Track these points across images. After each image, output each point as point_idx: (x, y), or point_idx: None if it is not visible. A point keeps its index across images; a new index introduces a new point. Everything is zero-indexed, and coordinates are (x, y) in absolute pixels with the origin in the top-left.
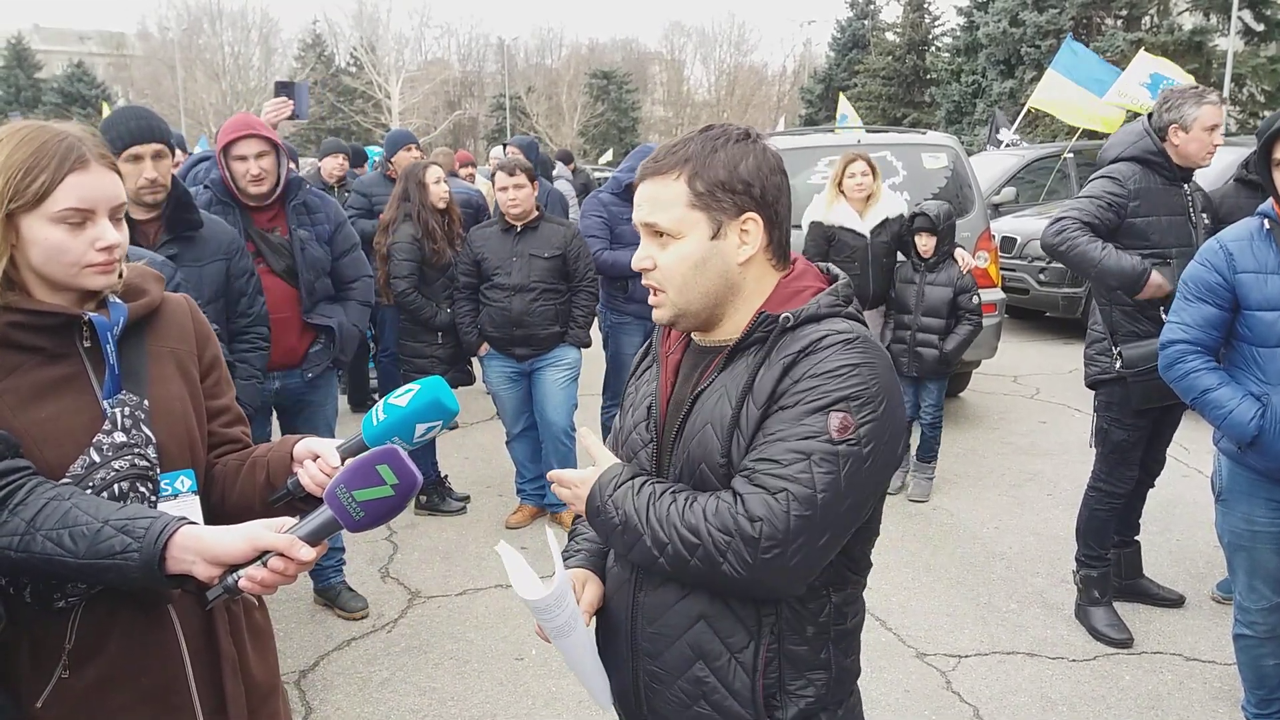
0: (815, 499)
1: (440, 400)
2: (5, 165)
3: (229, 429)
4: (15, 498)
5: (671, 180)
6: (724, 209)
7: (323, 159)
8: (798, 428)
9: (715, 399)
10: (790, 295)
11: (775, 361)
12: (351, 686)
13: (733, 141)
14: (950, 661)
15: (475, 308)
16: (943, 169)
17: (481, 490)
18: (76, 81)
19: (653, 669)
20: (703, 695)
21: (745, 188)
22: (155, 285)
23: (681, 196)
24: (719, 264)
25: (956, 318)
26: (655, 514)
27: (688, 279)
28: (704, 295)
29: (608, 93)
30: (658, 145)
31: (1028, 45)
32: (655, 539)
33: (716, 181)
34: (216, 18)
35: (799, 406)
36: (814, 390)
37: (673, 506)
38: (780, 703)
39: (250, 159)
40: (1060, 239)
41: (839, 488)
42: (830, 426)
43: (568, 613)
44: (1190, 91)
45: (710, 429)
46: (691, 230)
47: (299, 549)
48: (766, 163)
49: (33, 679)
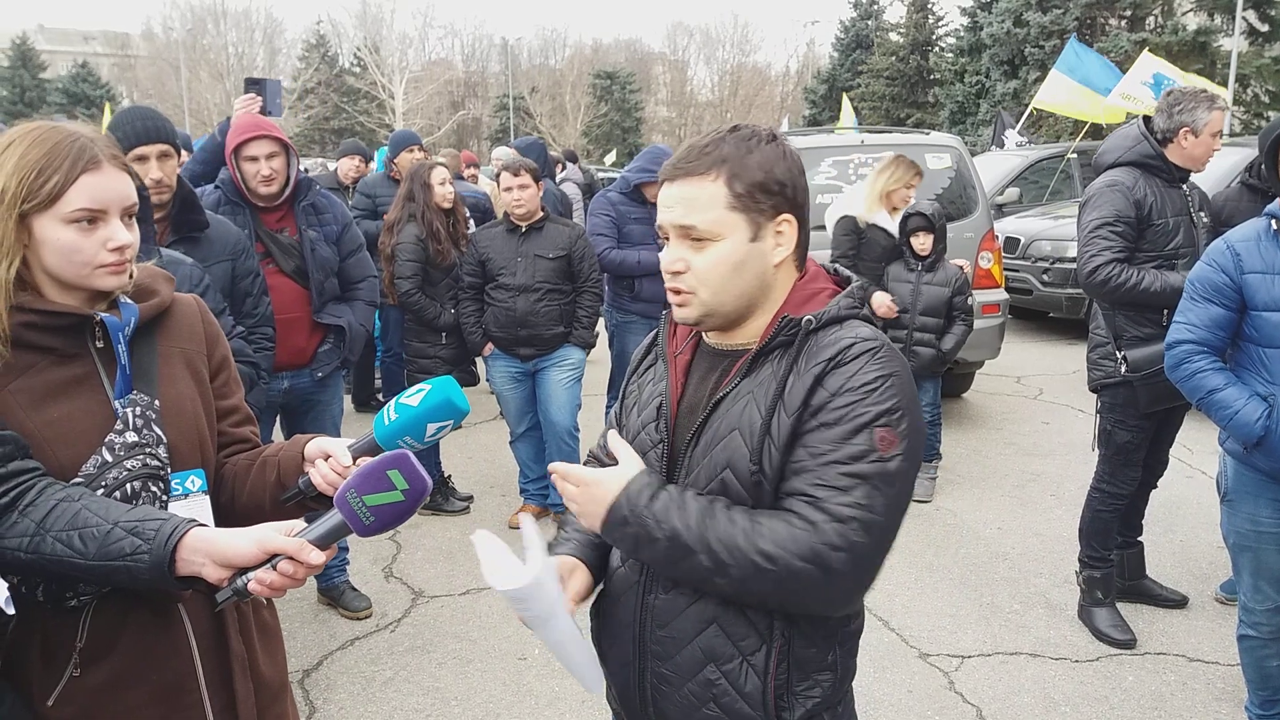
0: (879, 523)
1: (451, 400)
2: (18, 166)
3: (239, 429)
4: (25, 499)
5: (708, 181)
6: (762, 210)
7: (339, 159)
8: (847, 448)
9: (742, 405)
10: (807, 297)
11: (805, 371)
12: (355, 686)
13: (764, 142)
14: (953, 662)
15: (480, 308)
16: (946, 169)
17: (485, 490)
18: (81, 82)
19: (661, 671)
20: (712, 698)
21: (780, 189)
22: (166, 286)
23: (720, 198)
24: (757, 266)
25: (951, 317)
26: (715, 534)
27: (725, 281)
28: (739, 297)
29: (611, 93)
30: (674, 147)
31: (1031, 46)
32: (715, 560)
33: (755, 183)
34: (221, 18)
35: (843, 424)
36: (855, 406)
37: (733, 526)
38: (788, 704)
39: (261, 159)
40: (1108, 288)
41: (898, 506)
42: (877, 443)
43: (546, 601)
44: (1201, 96)
45: (739, 436)
46: (731, 232)
47: (308, 553)
48: (796, 164)
49: (44, 677)
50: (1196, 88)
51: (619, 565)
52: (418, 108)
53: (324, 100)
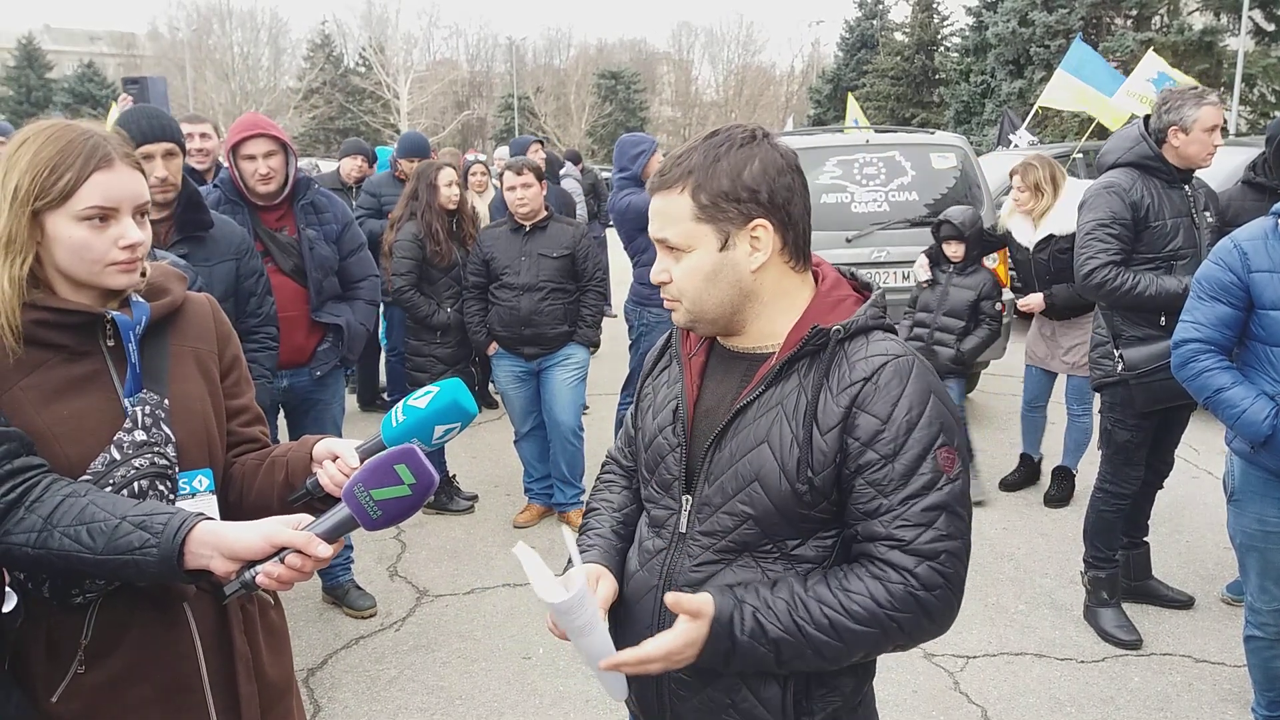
0: (963, 547)
1: (459, 402)
2: (31, 163)
3: (248, 428)
4: (31, 495)
5: (677, 194)
6: (730, 219)
7: (342, 159)
8: (917, 480)
9: (771, 418)
10: (832, 305)
11: (839, 390)
12: (359, 685)
13: (737, 147)
14: (958, 662)
15: (485, 307)
16: (951, 169)
17: (489, 489)
18: (87, 82)
19: (680, 677)
20: (731, 704)
21: (751, 195)
22: (178, 284)
23: (686, 210)
24: (731, 274)
25: (976, 321)
26: (814, 627)
27: (701, 291)
28: (719, 305)
29: (616, 93)
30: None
31: (1037, 45)
32: (823, 647)
33: (719, 192)
34: (226, 18)
35: (904, 455)
36: (912, 434)
37: (825, 609)
38: (808, 709)
39: (259, 158)
40: (1104, 290)
41: (970, 521)
42: (942, 466)
43: (589, 612)
44: (1190, 92)
45: (768, 450)
46: (700, 243)
47: (316, 546)
48: (774, 164)
49: (49, 674)
50: (1187, 86)
51: (637, 569)
52: (422, 107)
53: (329, 100)
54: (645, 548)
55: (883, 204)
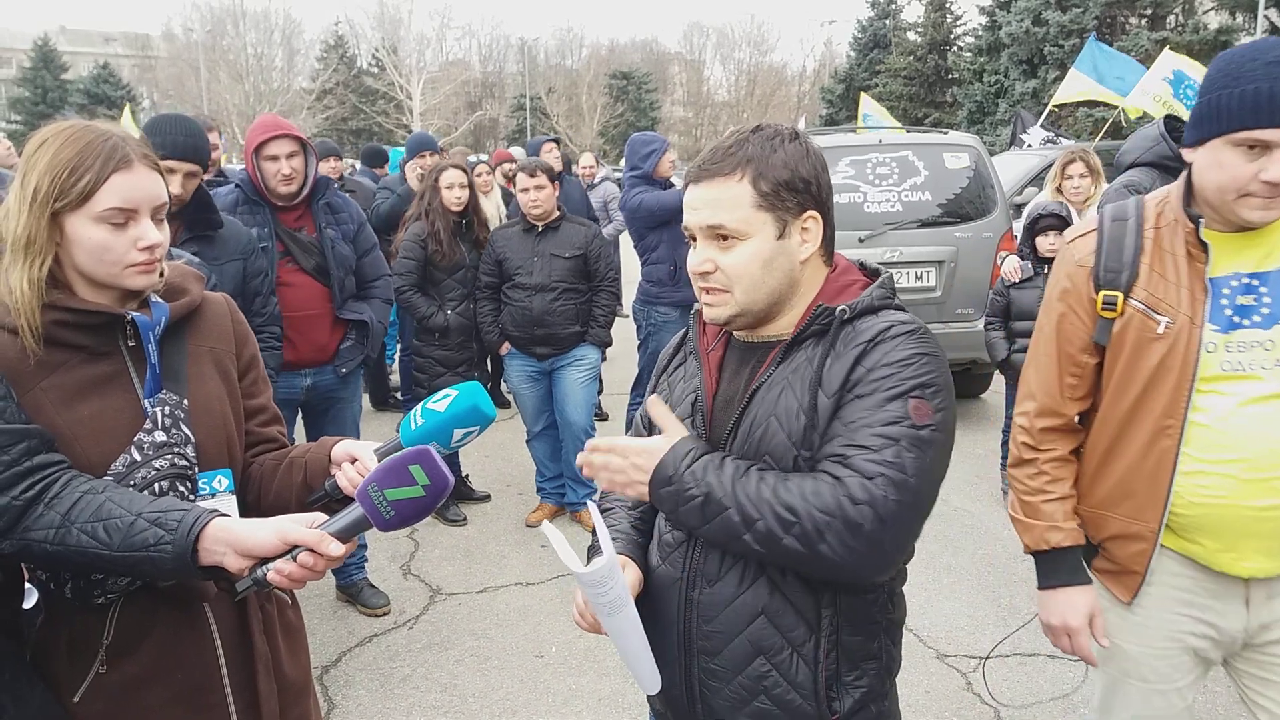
0: (909, 483)
1: (478, 406)
2: (51, 164)
3: (266, 428)
4: (50, 491)
5: (734, 182)
6: (788, 208)
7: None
8: (880, 414)
9: (777, 393)
10: (841, 289)
11: (844, 353)
12: (373, 683)
13: (788, 141)
14: (971, 663)
15: (497, 307)
16: (965, 169)
17: (502, 489)
18: (102, 83)
19: (710, 666)
20: (763, 690)
21: (805, 186)
22: (196, 285)
23: (746, 197)
24: (785, 262)
25: None
26: (744, 490)
27: (756, 278)
28: (770, 293)
29: (627, 93)
30: (690, 147)
31: (1050, 45)
32: (744, 514)
33: (780, 181)
34: (240, 19)
35: (877, 394)
36: (890, 378)
37: (762, 484)
38: (837, 694)
39: (282, 159)
40: None
41: (927, 472)
42: (911, 412)
43: (618, 587)
44: None
45: (775, 422)
46: (759, 230)
47: (328, 544)
48: (820, 161)
49: (70, 674)
50: None
51: (659, 563)
52: (435, 108)
53: (342, 101)
54: (665, 541)
55: (896, 204)
